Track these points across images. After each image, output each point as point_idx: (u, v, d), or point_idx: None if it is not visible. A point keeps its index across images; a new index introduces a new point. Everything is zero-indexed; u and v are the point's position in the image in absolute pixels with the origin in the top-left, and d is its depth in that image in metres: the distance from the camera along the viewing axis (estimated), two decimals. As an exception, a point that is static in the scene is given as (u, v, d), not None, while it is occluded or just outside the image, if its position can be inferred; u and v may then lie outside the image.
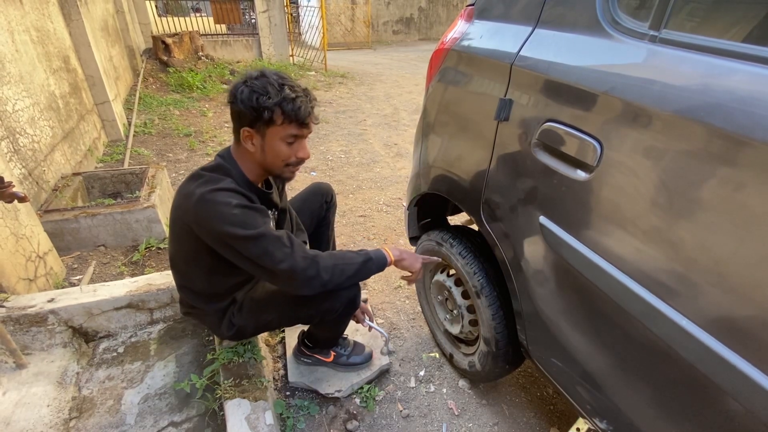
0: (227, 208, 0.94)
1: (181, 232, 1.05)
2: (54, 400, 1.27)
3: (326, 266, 1.02)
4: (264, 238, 0.95)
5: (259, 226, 0.96)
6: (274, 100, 0.92)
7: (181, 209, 1.01)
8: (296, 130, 0.98)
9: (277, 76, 0.97)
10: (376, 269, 1.12)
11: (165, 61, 5.68)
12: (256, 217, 0.98)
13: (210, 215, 0.95)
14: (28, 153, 2.11)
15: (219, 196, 0.95)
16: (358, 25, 12.42)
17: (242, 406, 1.17)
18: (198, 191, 0.96)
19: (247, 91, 0.94)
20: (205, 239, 1.00)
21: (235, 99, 0.96)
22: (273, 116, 0.94)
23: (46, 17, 2.77)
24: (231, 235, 0.94)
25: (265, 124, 0.96)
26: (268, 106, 0.92)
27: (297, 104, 0.94)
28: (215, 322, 1.21)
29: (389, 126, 4.57)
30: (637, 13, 0.76)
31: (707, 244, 0.61)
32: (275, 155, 1.00)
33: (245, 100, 0.94)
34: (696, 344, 0.62)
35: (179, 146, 3.72)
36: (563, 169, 0.83)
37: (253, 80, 0.95)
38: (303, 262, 0.99)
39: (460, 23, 1.21)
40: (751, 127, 0.54)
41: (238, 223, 0.94)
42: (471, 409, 1.41)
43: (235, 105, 0.96)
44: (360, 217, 2.66)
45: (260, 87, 0.93)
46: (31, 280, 1.64)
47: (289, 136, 0.98)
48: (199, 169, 1.04)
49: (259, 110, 0.93)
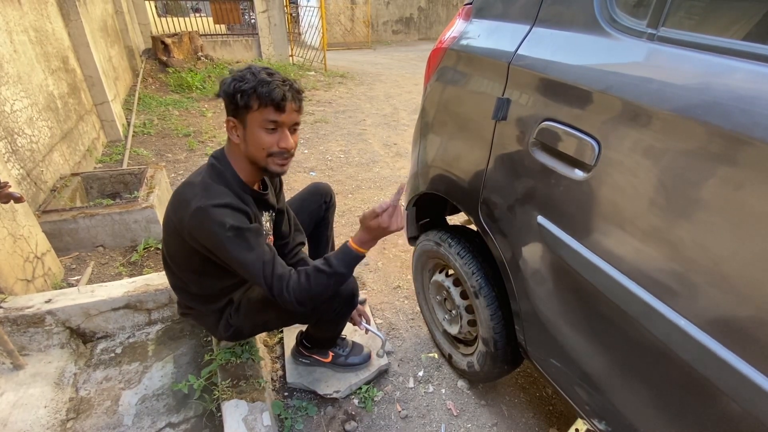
0: (221, 229, 0.95)
1: (174, 235, 1.06)
2: (51, 401, 1.27)
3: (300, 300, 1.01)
4: (253, 266, 0.99)
5: (253, 249, 0.98)
6: (249, 84, 0.94)
7: (176, 216, 1.02)
8: (273, 115, 0.96)
9: (264, 69, 0.98)
10: (350, 272, 1.07)
11: (164, 61, 5.69)
12: (249, 238, 0.98)
13: (203, 233, 0.97)
14: (26, 153, 2.11)
15: (214, 214, 0.95)
16: (358, 24, 12.41)
17: (240, 407, 1.17)
18: (194, 204, 0.96)
19: (228, 80, 0.96)
20: (197, 248, 1.03)
21: (220, 89, 0.98)
22: (249, 101, 0.94)
23: (44, 17, 2.76)
24: (223, 253, 0.98)
25: (245, 110, 0.96)
26: (245, 90, 0.94)
27: (271, 86, 0.94)
28: (212, 323, 1.21)
29: (389, 126, 4.56)
30: (635, 11, 0.75)
31: (706, 244, 0.60)
32: (256, 144, 0.99)
33: (226, 88, 0.96)
34: (694, 345, 0.62)
35: (178, 146, 3.72)
36: (561, 169, 0.83)
37: (238, 71, 0.97)
38: (280, 296, 1.01)
39: (458, 22, 1.20)
40: (749, 126, 0.54)
41: (231, 245, 0.97)
42: (470, 409, 1.41)
43: (220, 96, 0.99)
44: (359, 217, 2.66)
45: (239, 75, 0.96)
46: (29, 280, 1.63)
47: (267, 122, 0.97)
48: (195, 172, 1.05)
49: (235, 95, 0.95)
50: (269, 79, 0.95)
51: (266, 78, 0.94)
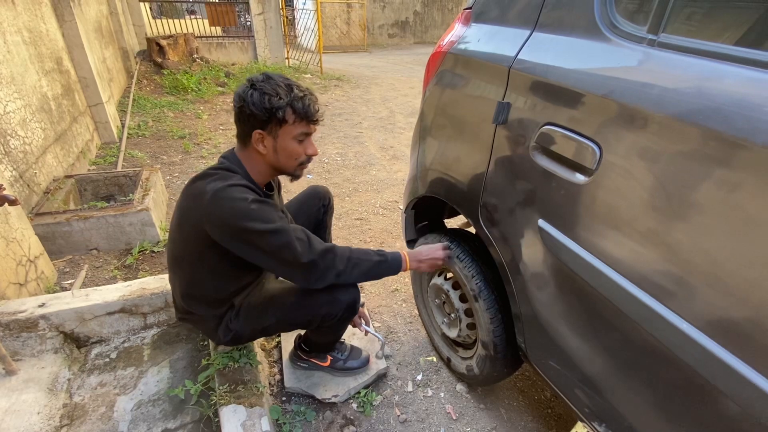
0: (244, 203, 0.95)
1: (190, 233, 1.04)
2: (45, 408, 1.25)
3: (342, 257, 1.07)
4: (284, 232, 0.98)
5: (277, 221, 0.99)
6: (285, 100, 0.96)
7: (192, 209, 1.01)
8: (306, 128, 1.02)
9: (281, 78, 1.00)
10: (389, 272, 1.15)
11: (159, 63, 5.65)
12: (272, 211, 1.00)
13: (226, 211, 0.95)
14: (19, 155, 2.08)
15: (234, 192, 0.96)
16: (354, 28, 12.44)
17: (238, 413, 1.16)
18: (210, 188, 0.96)
19: (257, 95, 0.96)
20: (219, 237, 0.99)
21: (244, 102, 0.97)
22: (285, 116, 0.97)
23: (38, 18, 2.74)
24: (250, 230, 0.96)
25: (278, 125, 0.99)
26: (281, 107, 0.96)
27: (306, 102, 0.99)
28: (211, 328, 1.20)
29: (385, 129, 4.57)
30: (635, 17, 0.76)
31: (706, 247, 0.61)
32: (288, 155, 1.04)
33: (257, 102, 0.96)
34: (694, 347, 0.62)
35: (174, 149, 3.69)
36: (562, 173, 0.83)
37: (261, 83, 0.97)
38: (321, 254, 1.03)
39: (458, 26, 1.21)
40: (748, 130, 0.55)
41: (257, 218, 0.96)
42: (469, 413, 1.41)
43: (245, 108, 0.97)
44: (357, 220, 2.65)
45: (270, 89, 0.96)
46: (22, 284, 1.61)
47: (300, 134, 1.02)
48: (206, 169, 1.05)
49: (271, 111, 0.96)
50: (301, 93, 0.99)
51: (298, 93, 0.98)
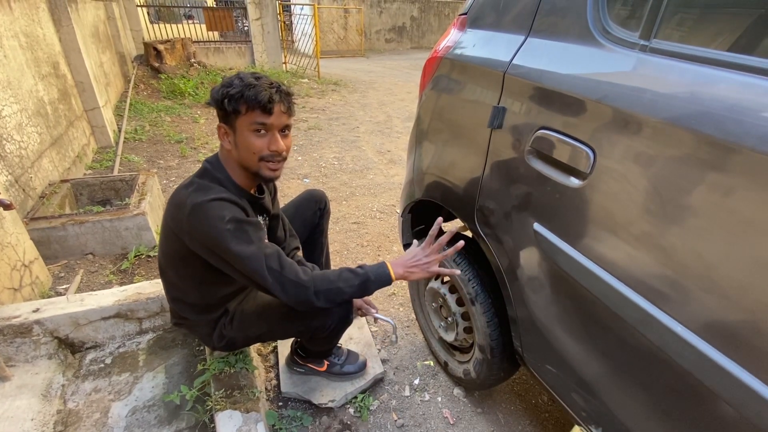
0: (220, 222, 0.93)
1: (172, 241, 1.04)
2: (38, 414, 1.23)
3: (319, 290, 1.01)
4: (255, 259, 0.95)
5: (253, 242, 0.96)
6: (236, 89, 0.94)
7: (173, 220, 1.00)
8: (261, 117, 0.96)
9: (250, 74, 0.98)
10: (376, 288, 1.09)
11: (157, 67, 5.66)
12: (248, 232, 0.97)
13: (203, 229, 0.94)
14: (14, 159, 2.07)
15: (211, 209, 0.94)
16: (351, 33, 12.50)
17: (234, 418, 1.15)
18: (189, 202, 0.95)
19: (217, 87, 0.97)
20: (197, 251, 1.00)
21: (210, 98, 0.99)
22: (237, 105, 0.95)
23: (35, 23, 2.74)
24: (224, 250, 0.95)
25: (234, 115, 0.97)
26: (232, 95, 0.94)
27: (258, 89, 0.94)
28: (206, 333, 1.19)
29: (382, 133, 4.58)
30: (627, 23, 0.77)
31: (700, 250, 0.61)
32: (246, 148, 0.99)
33: (214, 94, 0.97)
34: (690, 350, 0.63)
35: (170, 153, 3.69)
36: (557, 177, 0.84)
37: (228, 78, 0.98)
38: (293, 287, 0.99)
39: (453, 32, 1.22)
40: (740, 135, 0.55)
41: (231, 240, 0.94)
42: (466, 417, 1.40)
43: (210, 104, 0.99)
44: (353, 224, 2.65)
45: (227, 81, 0.97)
46: (16, 289, 1.60)
47: (255, 124, 0.96)
48: (192, 176, 1.04)
49: (223, 101, 0.95)
50: (255, 82, 0.95)
51: (253, 82, 0.95)
